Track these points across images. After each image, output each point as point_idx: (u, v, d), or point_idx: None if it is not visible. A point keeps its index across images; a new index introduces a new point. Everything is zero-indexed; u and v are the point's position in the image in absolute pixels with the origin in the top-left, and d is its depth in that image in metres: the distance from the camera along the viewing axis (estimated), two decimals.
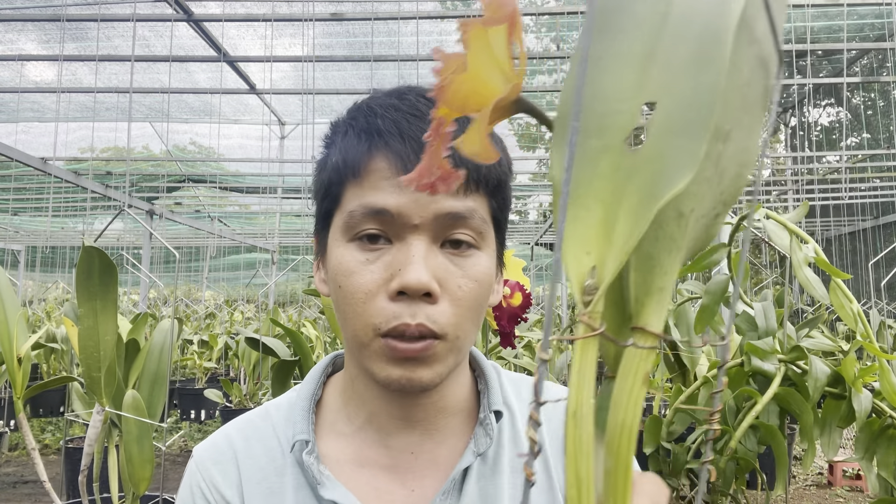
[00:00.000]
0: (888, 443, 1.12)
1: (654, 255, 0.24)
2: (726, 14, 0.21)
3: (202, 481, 0.60)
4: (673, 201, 0.23)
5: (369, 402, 0.59)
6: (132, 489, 1.12)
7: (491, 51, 0.23)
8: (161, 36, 4.84)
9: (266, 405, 0.66)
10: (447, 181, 0.24)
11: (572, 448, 0.23)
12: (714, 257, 1.33)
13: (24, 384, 1.25)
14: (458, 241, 0.54)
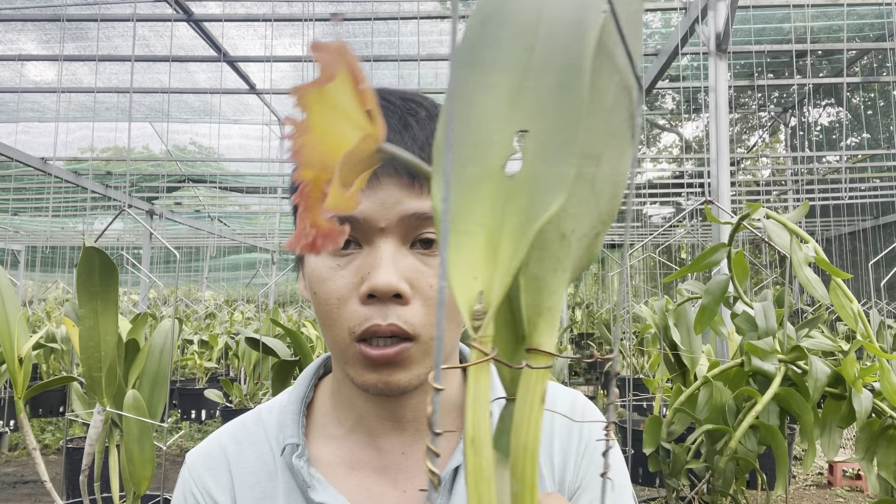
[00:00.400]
0: (888, 443, 1.12)
1: (540, 276, 0.25)
2: (583, 47, 0.23)
3: (195, 487, 0.61)
4: (554, 222, 0.24)
5: (357, 404, 0.59)
6: (133, 489, 1.13)
7: (335, 106, 0.23)
8: (161, 36, 4.84)
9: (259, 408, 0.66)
10: (330, 238, 0.23)
11: (473, 476, 0.23)
12: (714, 257, 1.33)
13: (25, 384, 1.25)
14: (429, 240, 0.54)
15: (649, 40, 5.43)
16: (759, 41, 5.13)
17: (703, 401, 1.24)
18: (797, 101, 8.66)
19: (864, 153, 9.38)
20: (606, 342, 4.82)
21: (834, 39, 5.41)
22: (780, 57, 6.03)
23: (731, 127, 8.80)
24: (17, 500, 3.89)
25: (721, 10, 3.30)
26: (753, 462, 1.20)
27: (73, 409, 1.76)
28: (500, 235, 0.23)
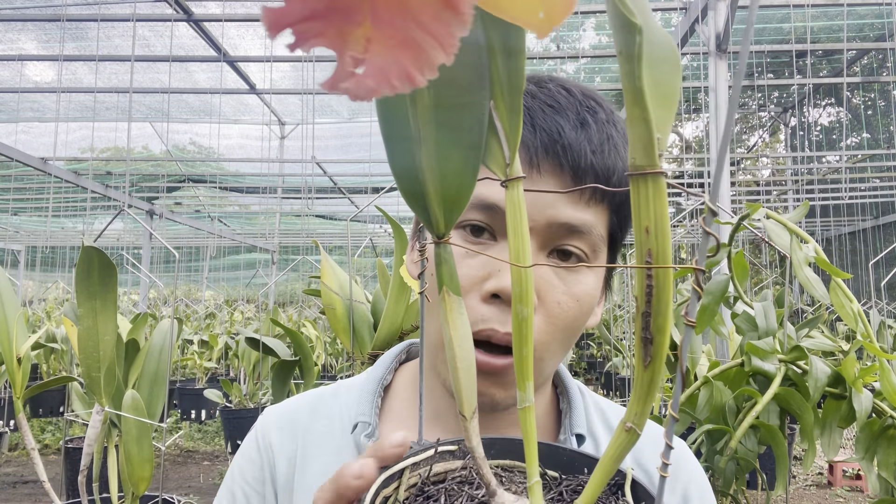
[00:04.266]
0: (888, 443, 1.12)
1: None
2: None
3: (261, 438, 0.60)
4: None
5: (437, 397, 0.55)
6: (132, 489, 1.13)
7: None
8: (161, 36, 4.84)
9: (339, 383, 0.64)
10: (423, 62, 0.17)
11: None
12: (714, 257, 1.33)
13: (24, 384, 1.26)
14: (568, 252, 0.49)
15: None
16: (759, 41, 5.13)
17: (704, 401, 1.24)
18: (797, 101, 8.66)
19: (864, 153, 9.38)
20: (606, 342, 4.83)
21: (834, 39, 5.41)
22: (780, 57, 6.03)
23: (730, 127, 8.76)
24: (17, 500, 3.89)
25: (721, 10, 3.30)
26: (753, 462, 1.20)
27: (73, 409, 1.76)
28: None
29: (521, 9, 0.19)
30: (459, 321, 0.30)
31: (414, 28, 0.16)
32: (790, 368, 1.20)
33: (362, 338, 1.51)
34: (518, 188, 0.28)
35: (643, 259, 0.24)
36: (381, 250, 10.45)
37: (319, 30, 0.17)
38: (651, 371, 0.26)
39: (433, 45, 0.16)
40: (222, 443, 5.05)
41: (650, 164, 0.23)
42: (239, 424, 3.69)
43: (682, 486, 0.56)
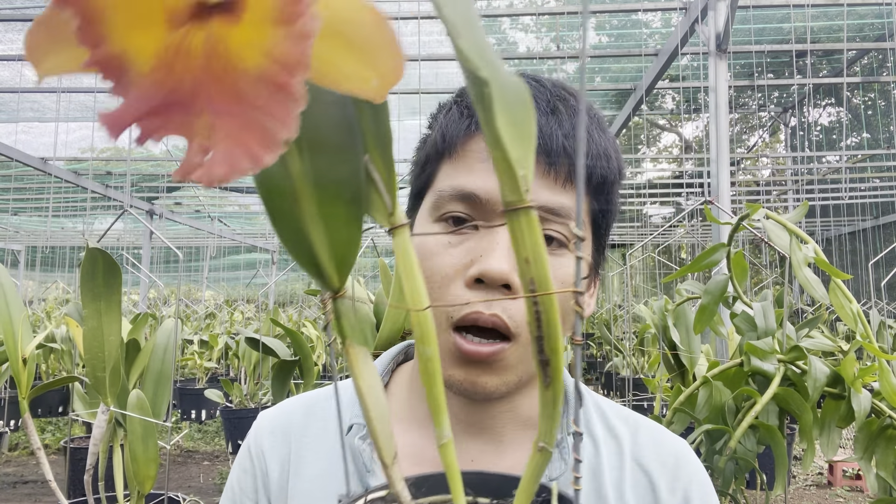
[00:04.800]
0: (887, 443, 1.13)
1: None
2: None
3: (253, 444, 0.60)
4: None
5: None
6: (137, 488, 1.13)
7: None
8: None
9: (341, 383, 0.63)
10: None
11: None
12: (713, 257, 1.34)
13: (30, 384, 1.26)
14: (549, 237, 0.50)
15: (649, 40, 5.43)
16: (759, 41, 5.13)
17: (703, 401, 1.24)
18: (797, 101, 8.67)
19: (864, 153, 9.39)
20: (606, 342, 4.83)
21: (834, 39, 5.41)
22: (780, 57, 6.04)
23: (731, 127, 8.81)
24: (17, 500, 3.89)
25: (721, 10, 3.31)
26: (753, 462, 1.21)
27: (75, 409, 1.76)
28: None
29: (355, 81, 0.20)
30: (366, 371, 0.30)
31: (252, 111, 0.17)
32: (789, 368, 1.20)
33: (365, 338, 1.51)
34: (404, 234, 0.29)
35: (528, 287, 0.26)
36: (381, 250, 10.46)
37: (161, 124, 0.18)
38: (552, 390, 0.28)
39: (274, 124, 0.17)
40: (222, 443, 5.06)
41: (519, 200, 0.26)
42: (239, 424, 3.70)
43: (682, 486, 0.56)
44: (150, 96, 0.18)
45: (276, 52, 0.17)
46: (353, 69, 0.20)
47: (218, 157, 0.17)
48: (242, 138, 0.17)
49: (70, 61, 0.20)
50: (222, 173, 0.17)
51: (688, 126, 13.00)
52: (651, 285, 11.25)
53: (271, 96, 0.17)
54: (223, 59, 0.18)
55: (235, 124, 0.17)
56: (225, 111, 0.18)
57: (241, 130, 0.17)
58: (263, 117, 0.17)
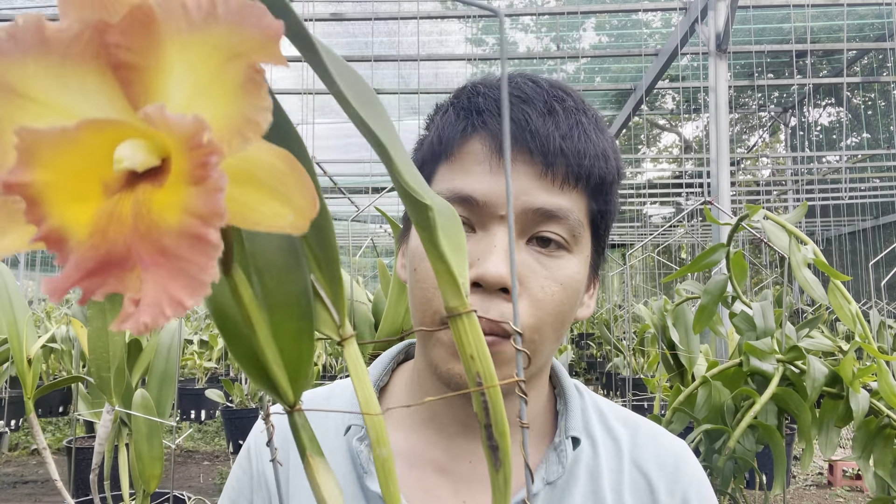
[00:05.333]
0: (884, 442, 1.13)
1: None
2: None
3: (253, 445, 0.60)
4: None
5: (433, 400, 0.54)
6: (143, 486, 1.14)
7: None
8: None
9: (335, 383, 0.63)
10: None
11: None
12: (713, 257, 1.34)
13: (34, 385, 1.27)
14: (547, 239, 0.50)
15: (649, 40, 5.44)
16: (759, 41, 5.14)
17: (702, 400, 1.25)
18: (797, 101, 8.67)
19: (864, 153, 9.39)
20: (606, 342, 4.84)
21: (834, 39, 5.42)
22: (780, 57, 6.04)
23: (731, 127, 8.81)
24: (17, 500, 3.90)
25: (721, 10, 3.31)
26: (752, 461, 1.22)
27: (77, 409, 1.77)
28: None
29: (273, 219, 0.22)
30: (327, 480, 0.31)
31: (176, 262, 0.19)
32: (788, 368, 1.21)
33: (363, 338, 1.52)
34: (352, 345, 0.30)
35: (474, 381, 0.29)
36: (381, 250, 10.46)
37: (100, 282, 0.20)
38: (503, 472, 0.30)
39: (197, 271, 0.19)
40: (222, 443, 5.07)
41: (461, 305, 0.29)
42: (240, 424, 3.71)
43: (681, 489, 0.56)
44: (88, 260, 0.20)
45: (192, 207, 0.19)
46: (271, 209, 0.22)
47: (144, 305, 0.19)
48: (167, 287, 0.19)
49: (24, 238, 0.22)
50: (148, 321, 0.19)
51: (688, 126, 13.00)
52: (651, 285, 11.26)
53: (192, 247, 0.19)
54: (148, 220, 0.20)
55: (161, 275, 0.19)
56: (152, 264, 0.20)
57: (166, 280, 0.19)
58: (186, 266, 0.19)
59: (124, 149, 0.20)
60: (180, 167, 0.20)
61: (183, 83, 0.21)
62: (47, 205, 0.20)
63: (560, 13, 4.81)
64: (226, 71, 0.20)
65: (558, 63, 5.81)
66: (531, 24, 6.41)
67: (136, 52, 0.20)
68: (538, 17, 5.86)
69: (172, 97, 0.21)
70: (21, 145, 0.20)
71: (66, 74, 0.21)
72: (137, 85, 0.21)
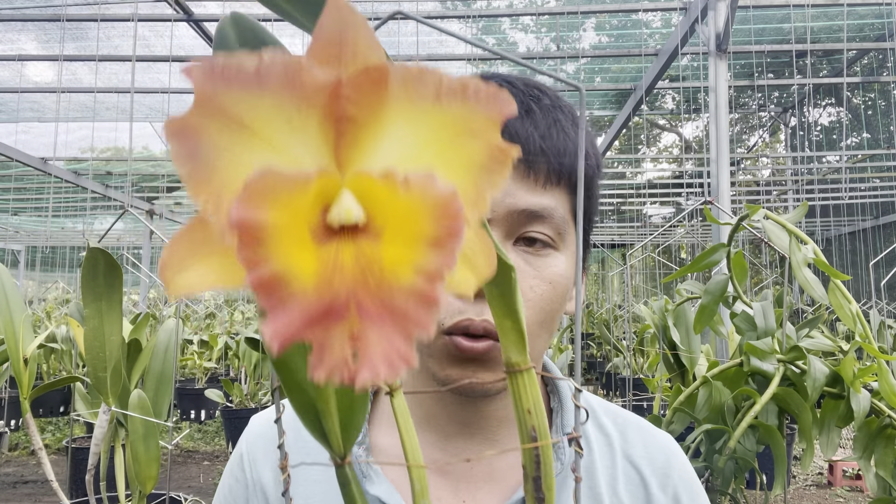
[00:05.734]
0: (886, 442, 1.13)
1: None
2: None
3: (246, 452, 0.60)
4: None
5: (429, 401, 0.55)
6: (139, 487, 1.14)
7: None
8: (161, 36, 4.85)
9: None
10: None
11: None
12: (713, 257, 1.34)
13: (31, 384, 1.26)
14: (533, 238, 0.50)
15: (649, 40, 5.43)
16: (759, 41, 5.13)
17: (703, 400, 1.24)
18: (797, 101, 8.67)
19: (864, 153, 9.39)
20: (606, 342, 4.83)
21: (834, 39, 5.41)
22: (780, 57, 6.04)
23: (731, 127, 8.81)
24: (17, 500, 3.90)
25: (721, 10, 3.31)
26: (752, 461, 1.21)
27: (76, 410, 1.77)
28: None
29: (456, 287, 0.23)
30: None
31: (401, 320, 0.20)
32: (789, 368, 1.20)
33: None
34: (400, 397, 0.31)
35: (528, 434, 0.30)
36: None
37: (318, 331, 0.20)
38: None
39: (417, 329, 0.20)
40: (222, 443, 5.06)
41: (524, 362, 0.30)
42: (240, 424, 3.70)
43: (673, 483, 0.57)
44: (313, 309, 0.20)
45: (427, 268, 0.20)
46: (460, 275, 0.23)
47: (376, 358, 0.20)
48: (394, 341, 0.20)
49: (211, 275, 0.22)
50: (384, 373, 0.20)
51: (688, 126, 13.00)
52: (651, 285, 11.25)
53: (418, 306, 0.20)
54: (377, 277, 0.20)
55: (387, 330, 0.20)
56: (378, 319, 0.20)
57: (391, 334, 0.20)
58: (409, 324, 0.20)
59: (351, 202, 0.21)
60: (421, 227, 0.20)
61: (403, 145, 0.21)
62: (272, 247, 0.20)
63: (560, 13, 4.81)
64: (465, 144, 0.21)
65: (558, 63, 5.81)
66: (531, 24, 6.40)
67: (360, 106, 0.21)
68: (538, 17, 5.85)
69: (386, 155, 0.21)
70: (258, 184, 0.19)
71: (296, 117, 0.21)
72: (350, 137, 0.21)
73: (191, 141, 0.20)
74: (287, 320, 0.20)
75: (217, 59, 0.20)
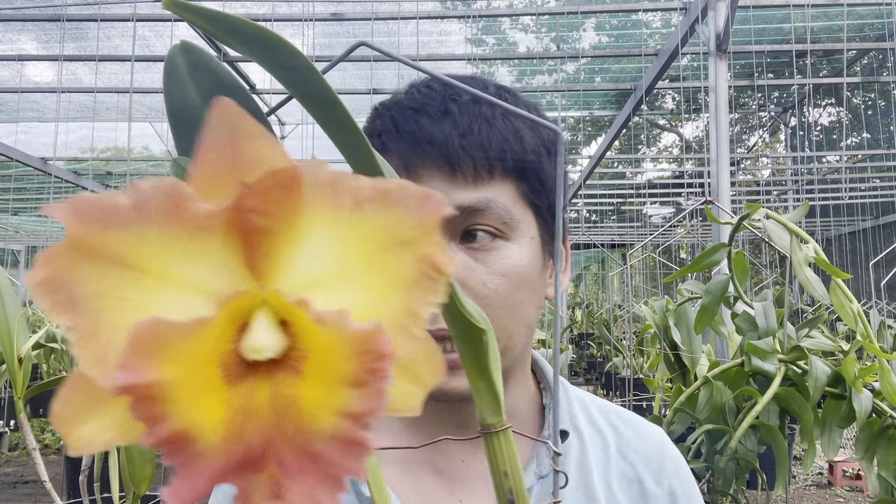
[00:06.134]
0: (888, 443, 1.12)
1: None
2: None
3: None
4: None
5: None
6: (133, 489, 1.13)
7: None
8: (161, 36, 4.84)
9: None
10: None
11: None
12: (714, 257, 1.33)
13: (25, 384, 1.26)
14: (473, 233, 0.50)
15: (649, 40, 5.43)
16: (759, 41, 5.13)
17: (703, 401, 1.24)
18: (797, 101, 8.66)
19: (864, 153, 9.39)
20: (606, 342, 4.83)
21: (834, 39, 5.41)
22: (780, 57, 6.03)
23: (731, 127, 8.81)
24: (17, 500, 3.89)
25: (721, 10, 3.30)
26: (753, 462, 1.21)
27: None
28: None
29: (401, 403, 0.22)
30: None
31: (324, 466, 0.18)
32: (790, 368, 1.20)
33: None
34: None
35: (505, 497, 0.30)
36: None
37: (225, 481, 0.18)
38: None
39: (345, 473, 0.18)
40: None
41: (499, 423, 0.30)
42: None
43: (667, 477, 0.57)
44: (220, 466, 0.18)
45: (351, 410, 0.18)
46: (406, 389, 0.21)
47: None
48: (314, 494, 0.18)
49: (109, 430, 0.19)
50: None
51: (688, 126, 13.00)
52: (651, 285, 11.25)
53: (344, 451, 0.18)
54: (295, 421, 0.18)
55: (308, 482, 0.18)
56: (298, 471, 0.18)
57: (313, 487, 0.18)
58: (334, 470, 0.18)
59: (264, 335, 0.18)
60: (341, 366, 0.18)
61: (321, 258, 0.19)
62: (170, 404, 0.17)
63: (560, 13, 4.80)
64: (393, 259, 0.18)
65: (558, 63, 5.80)
66: (531, 24, 6.40)
67: (270, 217, 0.18)
68: (538, 17, 5.85)
69: (302, 268, 0.19)
70: (143, 338, 0.17)
71: (191, 245, 0.18)
72: (262, 248, 0.19)
73: (64, 289, 0.18)
74: (191, 483, 0.17)
75: (84, 199, 0.17)
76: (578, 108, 6.69)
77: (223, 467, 0.18)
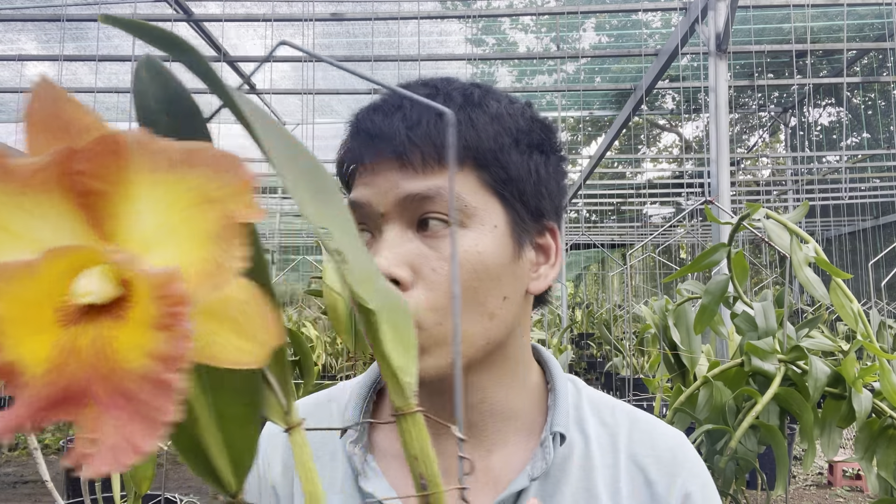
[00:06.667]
0: (888, 443, 1.12)
1: None
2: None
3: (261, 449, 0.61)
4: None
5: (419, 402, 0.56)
6: (134, 488, 1.13)
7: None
8: None
9: (341, 384, 0.64)
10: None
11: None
12: (714, 257, 1.33)
13: None
14: (426, 220, 0.51)
15: (649, 40, 5.43)
16: (759, 41, 5.13)
17: (703, 401, 1.24)
18: (797, 101, 8.66)
19: (864, 153, 9.39)
20: (606, 342, 4.83)
21: (834, 39, 5.41)
22: (780, 57, 6.04)
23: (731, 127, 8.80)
24: (17, 500, 3.89)
25: (721, 10, 3.30)
26: (753, 462, 1.21)
27: None
28: None
29: (234, 356, 0.22)
30: None
31: (136, 405, 0.19)
32: (790, 368, 1.20)
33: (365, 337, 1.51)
34: (299, 433, 0.30)
35: (419, 483, 0.30)
36: None
37: (53, 416, 0.20)
38: None
39: (156, 413, 0.19)
40: None
41: (406, 406, 0.29)
42: None
43: (681, 483, 0.55)
44: (43, 397, 0.20)
45: (157, 352, 0.19)
46: (234, 345, 0.22)
47: (105, 450, 0.19)
48: (127, 431, 0.19)
49: None
50: (106, 467, 0.19)
51: (688, 126, 13.00)
52: (651, 285, 11.25)
53: (153, 391, 0.19)
54: (110, 361, 0.20)
55: (121, 418, 0.19)
56: (112, 406, 0.19)
57: (125, 423, 0.19)
58: (146, 409, 0.19)
59: (90, 282, 0.20)
60: (147, 311, 0.20)
61: (150, 217, 0.21)
62: (1, 337, 0.20)
63: (560, 13, 4.80)
64: (199, 215, 0.20)
65: (558, 63, 5.80)
66: (531, 24, 6.40)
67: (101, 179, 0.21)
68: (538, 17, 5.85)
69: (138, 227, 0.21)
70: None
71: (26, 202, 0.21)
72: (101, 210, 0.21)
73: None
74: (15, 412, 0.19)
75: None
76: (578, 108, 6.69)
77: (46, 399, 0.20)
